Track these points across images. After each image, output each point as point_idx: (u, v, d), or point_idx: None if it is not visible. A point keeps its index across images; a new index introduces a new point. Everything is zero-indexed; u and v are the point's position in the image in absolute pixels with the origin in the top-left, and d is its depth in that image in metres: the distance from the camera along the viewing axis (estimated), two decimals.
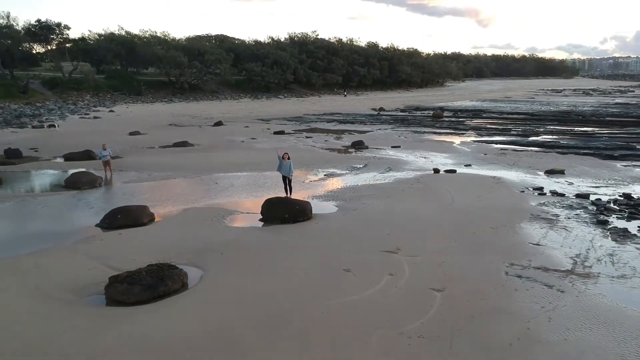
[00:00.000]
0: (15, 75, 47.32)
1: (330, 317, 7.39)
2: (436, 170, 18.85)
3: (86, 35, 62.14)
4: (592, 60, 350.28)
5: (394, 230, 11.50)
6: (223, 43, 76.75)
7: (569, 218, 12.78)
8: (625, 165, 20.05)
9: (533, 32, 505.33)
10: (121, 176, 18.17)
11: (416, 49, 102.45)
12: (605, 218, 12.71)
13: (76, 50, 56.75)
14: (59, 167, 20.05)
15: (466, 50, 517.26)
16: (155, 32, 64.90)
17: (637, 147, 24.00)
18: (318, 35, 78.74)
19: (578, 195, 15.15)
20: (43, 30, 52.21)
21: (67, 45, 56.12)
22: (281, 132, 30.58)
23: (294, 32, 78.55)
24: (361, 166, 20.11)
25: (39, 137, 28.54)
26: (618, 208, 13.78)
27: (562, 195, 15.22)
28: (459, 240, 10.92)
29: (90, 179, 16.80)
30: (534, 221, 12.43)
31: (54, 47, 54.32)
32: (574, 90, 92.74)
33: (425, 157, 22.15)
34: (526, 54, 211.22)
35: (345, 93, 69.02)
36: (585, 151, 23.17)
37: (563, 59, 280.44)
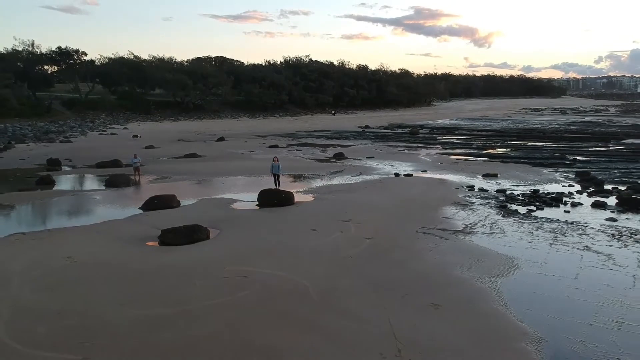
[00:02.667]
0: (37, 96, 52.61)
1: (300, 251, 12.19)
2: (396, 174, 23.80)
3: (97, 58, 67.99)
4: (587, 79, 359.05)
5: (351, 210, 16.32)
6: (223, 65, 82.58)
7: (480, 204, 17.67)
8: (549, 171, 25.02)
9: (529, 51, 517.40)
10: (147, 179, 23.02)
11: (407, 70, 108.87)
12: (506, 204, 17.60)
13: (92, 73, 62.21)
14: (95, 173, 24.89)
15: (462, 69, 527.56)
16: (163, 56, 71.00)
17: (568, 157, 29.08)
18: (311, 58, 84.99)
19: (498, 191, 20.05)
20: (62, 56, 57.85)
21: (80, 68, 61.46)
22: (275, 146, 35.56)
23: (289, 56, 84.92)
24: (338, 171, 25.04)
25: (68, 149, 33.41)
26: (521, 198, 18.66)
27: (486, 190, 20.13)
28: (394, 215, 15.78)
29: (125, 180, 21.67)
30: (454, 205, 17.31)
31: (71, 70, 59.66)
32: (554, 109, 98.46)
33: (392, 165, 27.10)
34: (515, 74, 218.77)
35: (334, 112, 74.53)
36: (524, 160, 28.20)
37: (551, 79, 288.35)
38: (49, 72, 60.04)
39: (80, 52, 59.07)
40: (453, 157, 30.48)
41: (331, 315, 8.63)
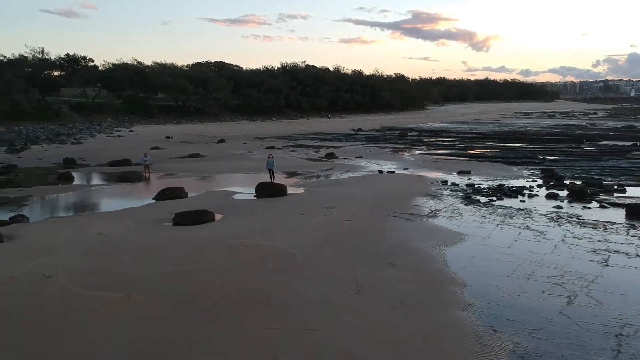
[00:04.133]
0: (47, 100, 55.36)
1: (290, 230, 14.81)
2: (380, 172, 26.47)
3: (102, 64, 70.89)
4: (584, 83, 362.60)
5: (336, 200, 18.94)
6: (222, 70, 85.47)
7: (448, 195, 20.33)
8: (519, 169, 27.71)
9: (527, 55, 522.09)
10: (156, 175, 25.62)
11: (402, 75, 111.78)
12: (471, 195, 20.27)
13: (97, 78, 65.04)
14: (108, 170, 27.48)
15: (460, 73, 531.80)
16: (164, 62, 73.94)
17: (539, 156, 31.81)
18: (307, 63, 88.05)
19: (467, 185, 22.71)
20: (70, 62, 60.64)
21: (87, 73, 64.30)
22: (272, 147, 38.17)
23: (286, 62, 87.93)
24: (328, 169, 27.70)
25: (79, 150, 35.97)
26: (486, 191, 21.34)
27: (457, 185, 22.78)
28: (372, 204, 18.41)
29: (137, 176, 24.31)
30: (425, 196, 19.96)
31: (78, 75, 62.49)
32: (544, 113, 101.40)
33: (377, 164, 29.75)
34: (513, 77, 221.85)
35: (329, 116, 77.47)
36: (498, 159, 30.90)
37: (548, 82, 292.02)
38: (54, 76, 62.78)
39: (87, 58, 62.26)
40: (435, 156, 33.17)
41: (311, 271, 11.26)
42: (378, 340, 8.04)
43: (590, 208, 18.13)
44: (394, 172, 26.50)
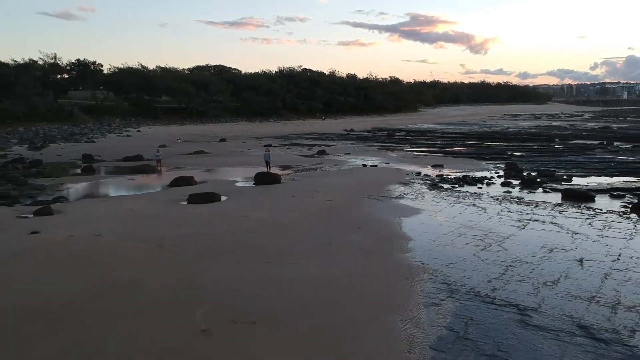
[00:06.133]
0: (58, 103, 59.09)
1: (282, 206, 18.35)
2: (364, 165, 30.04)
3: (108, 68, 74.76)
4: (581, 85, 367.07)
5: (322, 187, 22.48)
6: (222, 73, 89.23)
7: (418, 183, 23.90)
8: (487, 163, 31.30)
9: (525, 58, 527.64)
10: (166, 168, 29.14)
11: (397, 78, 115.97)
12: (438, 183, 23.83)
13: (104, 81, 68.84)
14: (124, 164, 31.01)
15: (458, 75, 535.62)
16: (166, 66, 77.92)
17: (508, 153, 35.43)
18: (304, 66, 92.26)
19: (437, 175, 26.29)
20: (81, 67, 64.39)
21: (95, 77, 68.15)
22: (269, 145, 41.60)
23: (283, 66, 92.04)
24: (318, 163, 31.28)
25: (93, 148, 39.45)
26: (452, 180, 24.91)
27: (428, 175, 26.35)
28: (352, 189, 21.96)
29: (151, 168, 27.86)
30: (398, 184, 23.52)
31: (86, 79, 66.31)
32: (532, 114, 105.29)
33: (363, 159, 33.34)
34: (511, 80, 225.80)
35: (324, 118, 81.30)
36: (472, 155, 34.50)
37: (541, 85, 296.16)
38: (64, 79, 66.67)
39: (96, 63, 66.10)
40: (416, 153, 36.77)
41: (296, 233, 14.80)
42: (340, 270, 11.57)
43: (534, 192, 21.70)
44: (376, 165, 30.07)
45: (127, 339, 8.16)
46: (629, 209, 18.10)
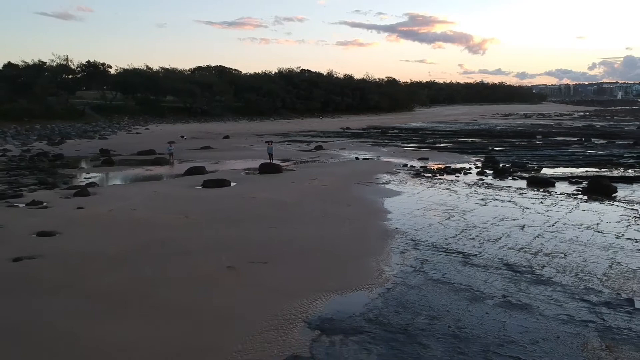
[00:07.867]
0: (70, 102, 62.34)
1: (283, 190, 21.47)
2: (357, 158, 33.19)
3: (115, 69, 78.12)
4: (579, 85, 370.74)
5: (318, 175, 25.57)
6: (222, 74, 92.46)
7: (404, 173, 27.03)
8: (468, 156, 34.47)
9: (523, 58, 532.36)
10: (178, 161, 32.24)
11: (393, 78, 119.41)
12: (421, 173, 26.98)
13: (112, 81, 72.11)
14: (139, 158, 34.09)
15: (456, 75, 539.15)
16: (169, 67, 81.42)
17: (488, 147, 38.62)
18: (303, 67, 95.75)
19: (422, 167, 29.44)
20: (91, 69, 67.64)
21: (104, 78, 71.41)
22: (270, 142, 44.75)
23: (282, 67, 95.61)
24: (315, 157, 34.41)
25: (107, 144, 42.52)
26: (434, 170, 28.06)
27: (414, 166, 29.50)
28: (344, 177, 25.08)
29: (165, 161, 30.97)
30: (386, 173, 26.65)
31: (95, 80, 69.56)
32: (523, 114, 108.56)
33: (356, 153, 36.47)
34: (509, 80, 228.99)
35: (322, 117, 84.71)
36: (455, 150, 37.65)
37: (529, 86, 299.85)
38: (75, 79, 70.01)
39: (105, 65, 69.37)
40: (405, 148, 39.93)
41: (296, 208, 17.92)
42: (331, 232, 14.70)
43: (504, 180, 24.87)
44: (368, 159, 33.22)
45: (175, 271, 11.26)
46: (580, 192, 21.27)
